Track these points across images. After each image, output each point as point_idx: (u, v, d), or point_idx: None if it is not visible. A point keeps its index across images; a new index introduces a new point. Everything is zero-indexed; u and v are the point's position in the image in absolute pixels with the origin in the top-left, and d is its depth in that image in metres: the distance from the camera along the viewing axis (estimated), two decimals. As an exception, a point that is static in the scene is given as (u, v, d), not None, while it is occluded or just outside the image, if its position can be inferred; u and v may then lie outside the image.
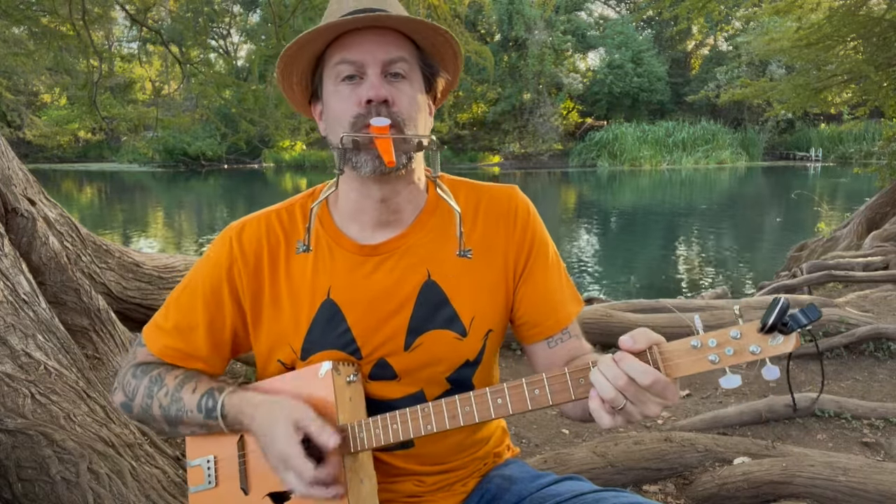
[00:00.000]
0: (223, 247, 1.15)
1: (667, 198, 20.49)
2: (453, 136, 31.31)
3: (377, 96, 1.01)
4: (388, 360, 1.11)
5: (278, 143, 26.89)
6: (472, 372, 1.15)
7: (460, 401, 0.97)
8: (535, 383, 0.93)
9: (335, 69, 1.05)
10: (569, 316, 1.18)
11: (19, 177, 2.77)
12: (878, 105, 8.99)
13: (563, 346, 1.17)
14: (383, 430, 1.02)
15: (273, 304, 1.13)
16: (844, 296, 4.98)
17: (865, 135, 25.13)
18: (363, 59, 1.03)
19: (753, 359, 0.84)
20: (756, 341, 0.83)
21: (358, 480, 1.05)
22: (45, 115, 25.18)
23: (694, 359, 0.86)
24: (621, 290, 8.95)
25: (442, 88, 1.16)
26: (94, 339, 2.65)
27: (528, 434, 2.93)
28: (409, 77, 1.06)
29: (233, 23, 30.91)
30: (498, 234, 1.15)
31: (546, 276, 1.17)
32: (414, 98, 1.06)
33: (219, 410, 1.09)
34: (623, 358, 0.86)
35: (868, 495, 2.10)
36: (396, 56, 1.04)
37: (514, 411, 0.94)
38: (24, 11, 5.57)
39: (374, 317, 1.10)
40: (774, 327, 0.82)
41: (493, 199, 1.18)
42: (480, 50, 7.13)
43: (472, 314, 1.12)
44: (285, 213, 1.17)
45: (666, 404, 0.87)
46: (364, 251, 1.12)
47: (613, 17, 37.46)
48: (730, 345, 0.84)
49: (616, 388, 0.85)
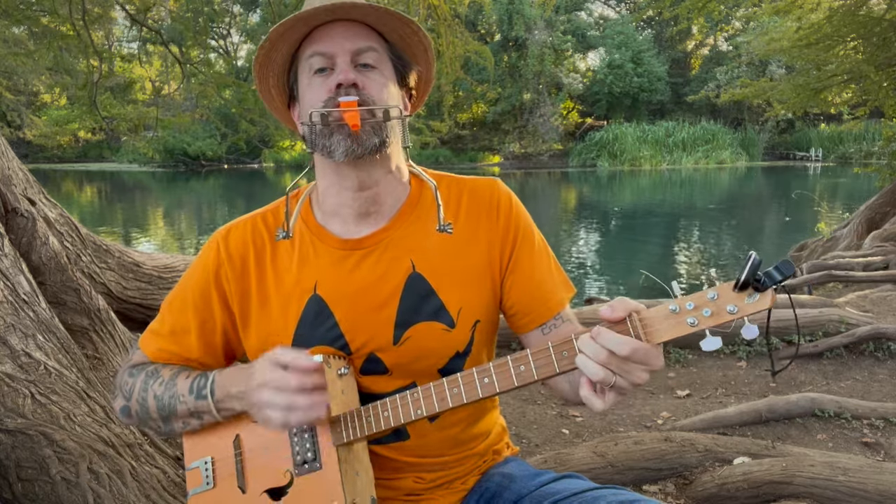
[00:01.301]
0: (211, 251, 1.18)
1: (667, 198, 20.48)
2: (453, 136, 31.31)
3: (346, 80, 1.03)
4: (378, 355, 1.12)
5: (278, 143, 26.92)
6: (463, 363, 1.15)
7: (448, 382, 0.97)
8: (519, 360, 0.93)
9: (307, 62, 1.07)
10: (560, 302, 1.18)
11: (19, 177, 2.77)
12: (878, 105, 8.99)
13: (558, 332, 1.17)
14: (374, 419, 1.03)
15: (261, 304, 1.15)
16: (844, 296, 4.98)
17: (865, 135, 25.12)
18: (332, 50, 1.05)
19: (731, 318, 0.83)
20: (733, 300, 0.83)
21: (353, 472, 1.06)
22: (45, 115, 25.18)
23: (673, 322, 0.86)
24: (621, 290, 8.95)
25: (416, 83, 1.17)
26: (94, 339, 2.65)
27: (528, 434, 2.93)
28: (379, 67, 1.08)
29: (233, 23, 30.94)
30: (480, 225, 1.16)
31: (533, 263, 1.17)
32: (384, 85, 1.08)
33: (209, 387, 1.10)
34: (599, 332, 0.87)
35: (868, 495, 2.10)
36: (364, 46, 1.06)
37: (502, 389, 0.94)
38: (24, 11, 5.58)
39: (361, 311, 1.11)
40: (748, 284, 0.81)
41: (475, 191, 1.19)
42: (480, 50, 7.14)
43: (459, 305, 1.12)
44: (271, 216, 1.20)
45: (651, 370, 0.88)
46: (348, 245, 1.13)
47: (613, 17, 37.45)
48: (707, 306, 0.84)
49: (599, 364, 0.86)
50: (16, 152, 2.92)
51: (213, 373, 1.12)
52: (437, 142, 26.66)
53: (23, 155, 18.53)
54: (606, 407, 0.89)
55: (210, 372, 1.12)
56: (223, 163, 32.85)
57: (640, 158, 29.19)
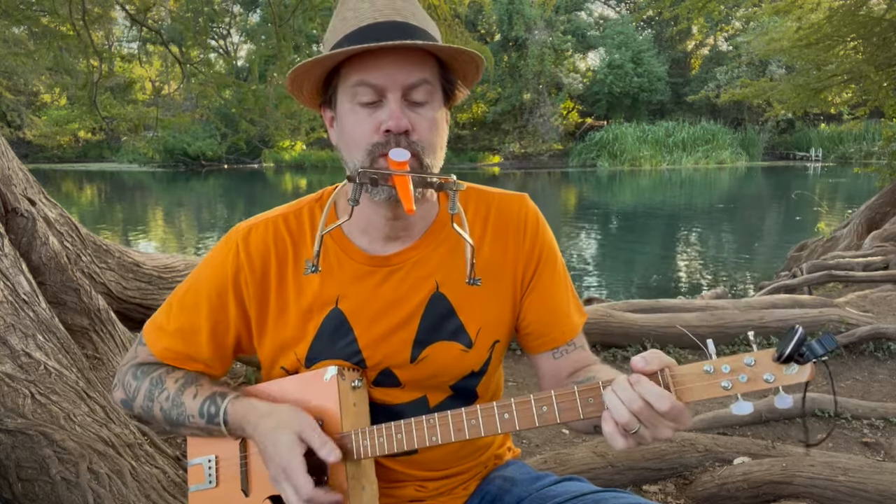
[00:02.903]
0: (229, 252, 1.13)
1: (667, 198, 20.48)
2: (453, 136, 31.29)
3: (397, 127, 0.96)
4: (393, 371, 1.11)
5: (278, 143, 26.89)
6: (478, 382, 1.15)
7: (466, 414, 0.96)
8: (542, 400, 0.91)
9: (352, 90, 0.99)
10: (574, 328, 1.17)
11: (19, 177, 2.77)
12: (878, 105, 8.99)
13: (569, 357, 1.16)
14: (387, 440, 1.01)
15: (279, 312, 1.12)
16: (844, 296, 4.98)
17: (865, 135, 25.09)
18: (384, 84, 0.96)
19: (767, 387, 0.82)
20: (770, 370, 0.82)
21: (360, 487, 1.05)
22: (45, 115, 25.17)
23: (706, 384, 0.85)
24: (621, 290, 8.94)
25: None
26: (94, 339, 2.65)
27: (529, 434, 2.93)
28: (430, 102, 1.01)
29: (233, 23, 30.91)
30: (507, 245, 1.14)
31: (553, 286, 1.16)
32: (434, 121, 1.01)
33: (221, 417, 1.08)
34: (639, 381, 0.85)
35: (868, 495, 2.10)
36: (419, 79, 0.98)
37: (521, 427, 0.93)
38: (24, 11, 5.57)
39: (382, 328, 1.09)
40: (791, 357, 0.80)
41: (503, 208, 1.16)
42: (480, 50, 7.14)
43: (478, 326, 1.11)
44: (293, 218, 1.14)
45: (678, 429, 0.86)
46: (374, 262, 1.10)
47: (613, 17, 37.43)
48: (743, 372, 0.83)
49: (631, 412, 0.84)
50: (16, 152, 2.92)
51: (224, 401, 1.09)
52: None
53: (23, 155, 18.51)
54: (626, 448, 0.87)
55: (218, 398, 1.10)
56: (223, 163, 32.83)
57: (640, 158, 29.17)
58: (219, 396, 1.10)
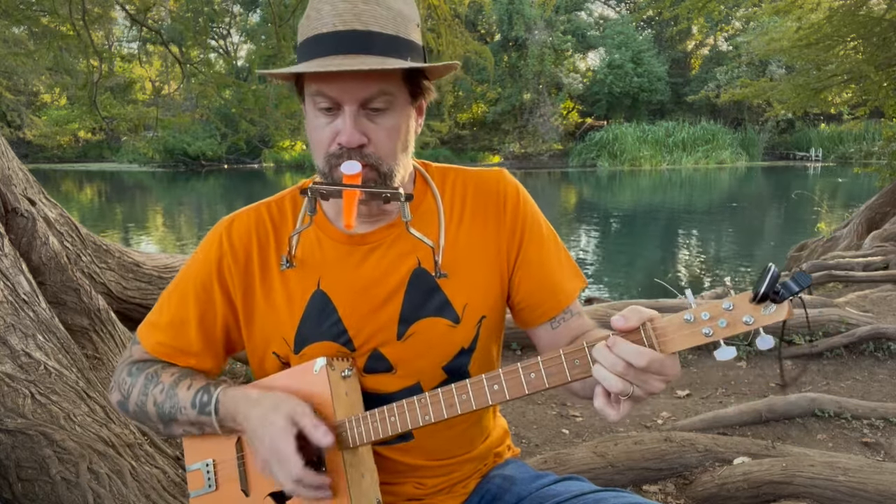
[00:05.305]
0: (213, 242, 1.15)
1: (667, 198, 20.48)
2: (453, 136, 31.31)
3: (348, 143, 0.98)
4: (381, 351, 1.11)
5: (278, 143, 26.91)
6: (468, 360, 1.14)
7: (457, 389, 0.96)
8: (530, 367, 0.92)
9: (312, 97, 1.01)
10: (569, 295, 1.17)
11: (19, 177, 2.77)
12: (878, 105, 9.00)
13: (566, 326, 1.16)
14: (381, 423, 1.02)
15: (265, 298, 1.13)
16: (844, 296, 4.98)
17: (865, 135, 25.05)
18: (339, 98, 0.98)
19: (747, 329, 0.83)
20: (749, 311, 0.83)
21: (359, 475, 1.05)
22: (45, 115, 25.21)
23: (688, 332, 0.85)
24: (621, 290, 8.95)
25: None
26: (94, 339, 2.65)
27: (529, 434, 2.93)
28: (390, 106, 1.01)
29: (233, 23, 30.90)
30: (487, 222, 1.15)
31: (542, 256, 1.16)
32: (394, 128, 1.02)
33: (213, 405, 1.08)
34: (615, 342, 0.86)
35: (868, 495, 2.10)
36: (376, 91, 0.98)
37: (512, 396, 0.93)
38: (24, 11, 5.58)
39: (365, 306, 1.10)
40: (766, 296, 0.81)
41: (481, 186, 1.17)
42: (480, 50, 7.14)
43: (464, 301, 1.12)
44: (275, 207, 1.17)
45: (668, 380, 0.87)
46: (353, 241, 1.12)
47: (613, 17, 37.42)
48: (723, 317, 0.83)
49: (617, 375, 0.85)
50: (16, 152, 2.92)
51: (216, 391, 1.10)
52: (437, 142, 26.62)
53: (23, 155, 18.52)
54: (620, 417, 0.88)
55: (212, 387, 1.11)
56: (223, 163, 32.83)
57: (640, 158, 29.17)
58: (212, 385, 1.11)
